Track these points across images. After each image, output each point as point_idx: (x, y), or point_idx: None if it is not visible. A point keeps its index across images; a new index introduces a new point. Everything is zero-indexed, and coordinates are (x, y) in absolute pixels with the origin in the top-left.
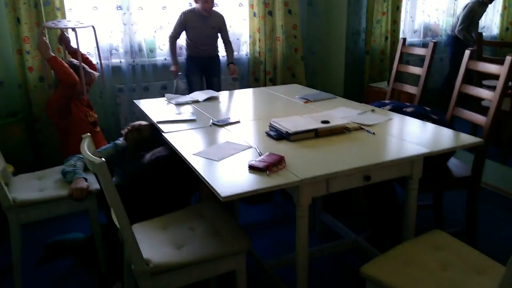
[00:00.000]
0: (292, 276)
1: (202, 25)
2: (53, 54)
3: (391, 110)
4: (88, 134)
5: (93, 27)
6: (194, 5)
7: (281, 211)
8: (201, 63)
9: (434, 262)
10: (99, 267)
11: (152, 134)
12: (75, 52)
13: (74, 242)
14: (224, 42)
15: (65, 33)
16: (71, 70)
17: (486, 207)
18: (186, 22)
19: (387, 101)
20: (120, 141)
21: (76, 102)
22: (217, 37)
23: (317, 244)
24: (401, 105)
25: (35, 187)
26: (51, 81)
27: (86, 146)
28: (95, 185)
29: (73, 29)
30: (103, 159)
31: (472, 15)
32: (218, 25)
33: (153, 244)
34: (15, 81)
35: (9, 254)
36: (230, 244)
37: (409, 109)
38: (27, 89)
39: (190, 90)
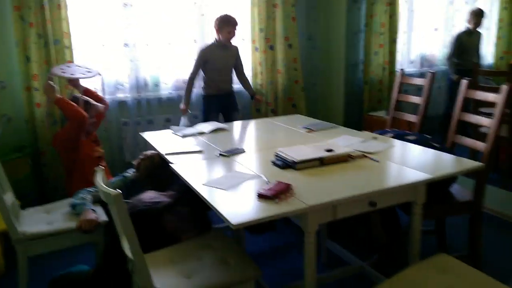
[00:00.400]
0: None
1: (222, 57)
2: (59, 96)
3: (393, 137)
4: (102, 167)
5: (100, 75)
6: (206, 41)
7: (285, 240)
8: (221, 100)
9: (441, 285)
10: None
11: (163, 160)
12: (85, 91)
13: (79, 275)
14: (241, 74)
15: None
16: (78, 107)
17: (488, 231)
18: (206, 57)
19: (388, 130)
20: (129, 173)
21: (84, 138)
22: (232, 71)
23: (323, 272)
24: (403, 133)
25: (43, 220)
26: (57, 117)
27: (100, 179)
28: (102, 217)
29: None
30: (119, 190)
31: (459, 44)
32: (235, 54)
33: (162, 275)
34: (22, 117)
35: (15, 286)
36: (239, 273)
37: (411, 137)
38: (34, 125)
39: None
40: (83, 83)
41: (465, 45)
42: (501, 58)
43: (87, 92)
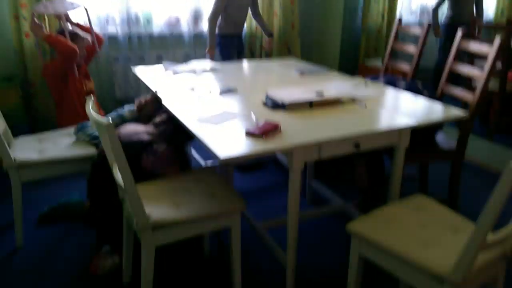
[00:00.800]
0: (283, 237)
1: (240, 1)
2: (47, 33)
3: (384, 83)
4: (92, 96)
5: (85, 8)
6: None
7: (272, 179)
8: (237, 42)
9: (415, 221)
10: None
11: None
12: (76, 25)
13: (72, 207)
14: (257, 13)
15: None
16: (68, 42)
17: (471, 181)
18: None
19: (378, 76)
20: (125, 112)
21: (73, 71)
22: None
23: (307, 209)
24: (393, 79)
25: (35, 148)
26: (47, 48)
27: (90, 108)
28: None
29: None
30: (110, 120)
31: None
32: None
33: (153, 203)
34: (11, 46)
35: (10, 211)
36: (225, 204)
37: (401, 84)
38: (23, 54)
39: None
40: (72, 17)
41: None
42: (502, 12)
43: (78, 26)
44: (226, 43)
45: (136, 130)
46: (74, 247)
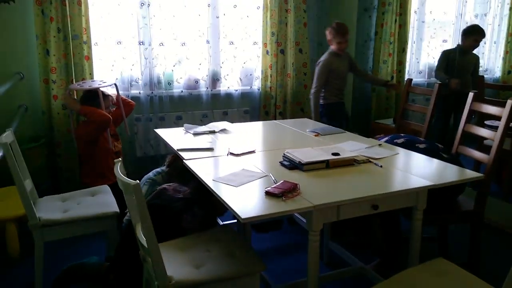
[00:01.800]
0: None
1: (341, 65)
2: (80, 106)
3: (404, 142)
4: (120, 159)
5: (115, 85)
6: (218, 42)
7: (289, 240)
8: (343, 108)
9: (436, 287)
10: None
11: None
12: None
13: (92, 267)
14: (362, 74)
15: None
16: (102, 111)
17: (490, 242)
18: (330, 67)
19: (402, 134)
20: (154, 176)
21: (104, 132)
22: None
23: (325, 272)
24: (414, 139)
25: (59, 208)
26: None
27: (119, 169)
28: (115, 208)
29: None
30: (138, 181)
31: (446, 63)
32: (349, 60)
33: (173, 264)
34: (39, 108)
35: (29, 271)
36: (245, 265)
37: (421, 145)
38: (50, 116)
39: None
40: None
41: (456, 65)
42: (509, 72)
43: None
44: (334, 111)
45: (179, 189)
46: None
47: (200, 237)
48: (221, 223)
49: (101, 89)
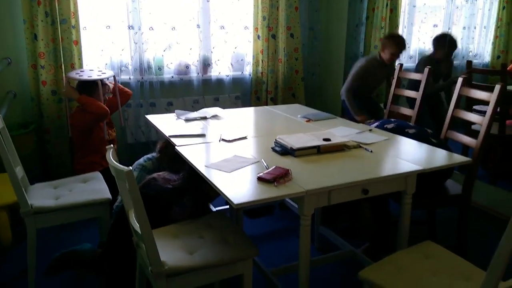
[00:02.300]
0: (294, 284)
1: (380, 76)
2: (79, 95)
3: (394, 127)
4: (112, 146)
5: (114, 77)
6: (209, 27)
7: (281, 225)
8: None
9: (425, 269)
10: None
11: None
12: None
13: (84, 254)
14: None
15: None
16: (100, 103)
17: (477, 225)
18: (368, 73)
19: (392, 119)
20: (144, 162)
21: (100, 122)
22: None
23: (316, 256)
24: (404, 124)
25: (51, 195)
26: (63, 95)
27: (111, 156)
28: (107, 195)
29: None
30: (130, 167)
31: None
32: (391, 71)
33: (167, 249)
34: (28, 94)
35: (22, 258)
36: (238, 251)
37: (411, 130)
38: (39, 102)
39: None
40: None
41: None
42: (498, 57)
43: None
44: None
45: (169, 178)
46: None
47: (193, 223)
48: (213, 209)
49: (100, 81)
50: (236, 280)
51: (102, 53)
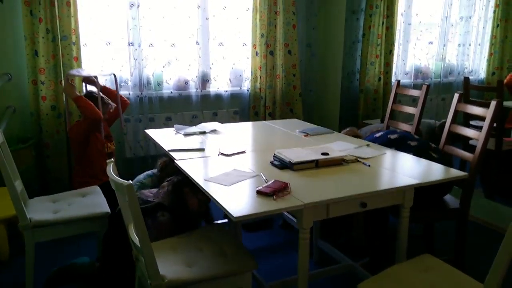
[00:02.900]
0: None
1: None
2: (79, 94)
3: (397, 138)
4: (112, 160)
5: (114, 75)
6: (208, 43)
7: (279, 239)
8: None
9: (423, 281)
10: None
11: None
12: (103, 88)
13: (82, 268)
14: None
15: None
16: (95, 107)
17: (475, 238)
18: None
19: (397, 130)
20: (143, 178)
21: (97, 133)
22: None
23: (314, 269)
24: (407, 136)
25: (50, 208)
26: (62, 110)
27: (111, 169)
28: (105, 209)
29: (96, 77)
30: (130, 181)
31: None
32: None
33: (166, 262)
34: (27, 109)
35: (20, 272)
36: (237, 264)
37: (413, 143)
38: (39, 117)
39: None
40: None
41: None
42: (493, 73)
43: (105, 89)
44: None
45: (154, 193)
46: None
47: (191, 236)
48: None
49: (102, 97)
50: None
51: (102, 69)
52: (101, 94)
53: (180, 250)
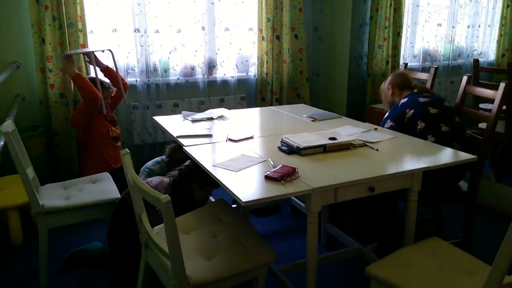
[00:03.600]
0: (301, 281)
1: None
2: (77, 72)
3: (430, 102)
4: (127, 150)
5: (110, 50)
6: (214, 29)
7: (288, 224)
8: None
9: (431, 264)
10: None
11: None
12: (105, 69)
13: (94, 252)
14: None
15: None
16: (94, 87)
17: (483, 222)
18: None
19: (425, 94)
20: (152, 165)
21: (100, 117)
22: None
23: (322, 253)
24: (441, 99)
25: (61, 195)
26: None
27: (128, 165)
28: (116, 195)
29: (93, 53)
30: (168, 196)
31: None
32: None
33: (183, 254)
34: (36, 97)
35: (34, 258)
36: (257, 257)
37: (423, 99)
38: (47, 105)
39: None
40: (102, 60)
41: None
42: (503, 55)
43: (107, 70)
44: None
45: (156, 186)
46: None
47: (199, 214)
48: None
49: (102, 82)
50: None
51: (108, 56)
52: (102, 79)
53: (193, 234)
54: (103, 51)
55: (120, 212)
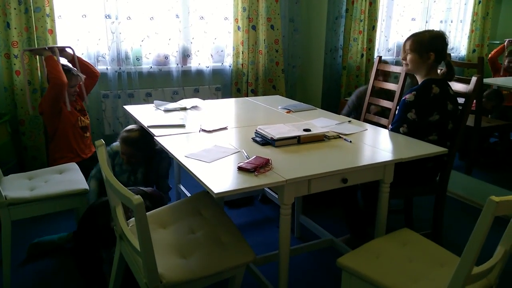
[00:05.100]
0: (273, 272)
1: None
2: (49, 54)
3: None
4: (102, 140)
5: (71, 47)
6: (188, 17)
7: (261, 215)
8: None
9: (402, 255)
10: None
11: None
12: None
13: (59, 240)
14: None
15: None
16: (62, 73)
17: (452, 213)
18: None
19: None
20: (110, 147)
21: (63, 103)
22: None
23: (295, 244)
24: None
25: (26, 186)
26: (37, 85)
27: (101, 158)
28: (84, 185)
29: (51, 48)
30: (141, 198)
31: None
32: None
33: (158, 251)
34: (1, 84)
35: None
36: (236, 257)
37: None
38: (13, 92)
39: None
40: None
41: None
42: (473, 50)
43: (79, 60)
44: None
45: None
46: (62, 285)
47: (179, 208)
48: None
49: (70, 69)
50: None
51: (78, 43)
52: (69, 64)
53: (170, 230)
54: (64, 48)
55: (92, 212)
